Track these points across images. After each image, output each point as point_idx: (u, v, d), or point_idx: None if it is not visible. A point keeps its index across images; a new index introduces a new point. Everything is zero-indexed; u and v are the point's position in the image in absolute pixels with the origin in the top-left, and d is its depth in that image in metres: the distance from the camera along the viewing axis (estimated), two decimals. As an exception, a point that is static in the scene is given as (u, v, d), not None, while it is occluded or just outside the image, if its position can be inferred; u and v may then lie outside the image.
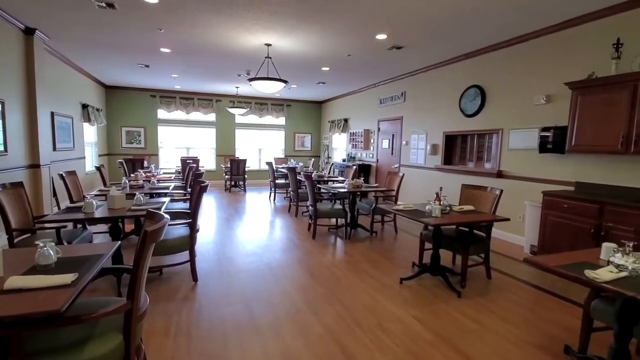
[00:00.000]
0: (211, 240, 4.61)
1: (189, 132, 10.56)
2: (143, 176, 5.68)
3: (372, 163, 8.64)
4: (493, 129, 5.09)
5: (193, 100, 10.18)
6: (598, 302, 2.04)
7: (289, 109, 11.44)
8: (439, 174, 6.21)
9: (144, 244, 1.44)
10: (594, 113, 3.47)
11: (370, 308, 2.79)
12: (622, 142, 3.23)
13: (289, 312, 2.68)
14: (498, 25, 4.22)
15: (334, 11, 3.93)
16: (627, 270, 1.72)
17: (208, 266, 3.64)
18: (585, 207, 3.36)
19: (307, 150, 12.00)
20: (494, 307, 2.85)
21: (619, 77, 3.26)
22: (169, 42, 5.28)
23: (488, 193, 3.53)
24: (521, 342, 2.35)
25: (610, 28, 3.61)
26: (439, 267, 3.31)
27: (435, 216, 3.08)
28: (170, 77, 8.01)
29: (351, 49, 5.40)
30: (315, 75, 7.47)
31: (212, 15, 4.11)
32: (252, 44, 5.25)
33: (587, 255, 2.01)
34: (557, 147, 3.90)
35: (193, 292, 2.99)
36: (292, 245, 4.47)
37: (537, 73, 4.41)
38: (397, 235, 5.10)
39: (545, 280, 3.41)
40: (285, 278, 3.37)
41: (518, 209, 4.62)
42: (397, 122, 7.52)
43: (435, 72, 6.30)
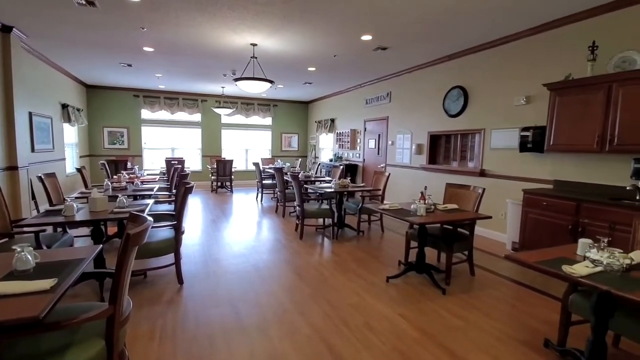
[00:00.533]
0: (197, 242, 4.56)
1: (174, 133, 10.40)
2: (126, 178, 5.56)
3: (359, 163, 8.69)
4: (476, 129, 5.20)
5: (178, 100, 10.02)
6: (575, 296, 2.11)
7: (275, 109, 11.40)
8: (424, 173, 6.30)
9: (126, 247, 1.42)
10: (571, 113, 3.59)
11: (357, 307, 2.81)
12: (597, 141, 3.36)
13: (276, 312, 2.68)
14: (480, 27, 4.31)
15: (319, 12, 3.94)
16: (602, 265, 1.79)
17: (194, 268, 3.60)
18: (563, 205, 3.47)
19: (294, 150, 11.99)
20: (478, 304, 2.92)
21: (594, 79, 3.39)
22: (152, 41, 5.19)
23: (471, 192, 3.61)
24: (504, 336, 2.42)
25: (586, 31, 3.74)
26: (425, 265, 3.36)
27: (420, 215, 3.13)
28: (154, 76, 7.87)
29: (337, 49, 5.42)
30: (301, 75, 7.47)
31: (196, 14, 4.06)
32: (237, 44, 5.22)
33: (564, 251, 2.08)
34: (537, 146, 4.02)
35: (178, 294, 2.95)
36: (279, 246, 4.46)
37: (517, 74, 4.53)
38: (384, 234, 5.15)
39: (526, 276, 3.51)
40: (272, 279, 3.36)
41: (500, 206, 4.74)
42: (383, 122, 7.60)
43: (420, 73, 6.39)
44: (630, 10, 3.37)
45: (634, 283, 1.61)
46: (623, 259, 1.79)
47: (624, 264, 1.76)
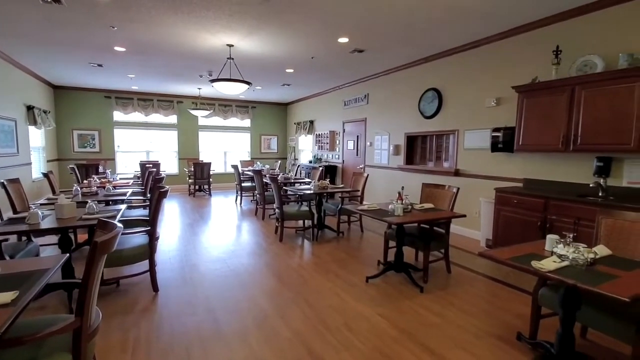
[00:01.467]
0: (174, 248, 4.44)
1: (149, 135, 10.09)
2: (97, 182, 5.34)
3: (338, 164, 8.74)
4: (450, 130, 5.34)
5: (152, 102, 9.74)
6: (545, 291, 2.20)
7: (254, 111, 11.29)
8: (401, 174, 6.41)
9: (94, 256, 1.36)
10: (538, 114, 3.75)
11: (337, 308, 2.81)
12: (562, 141, 3.53)
13: (256, 317, 2.64)
14: (452, 32, 4.43)
15: (295, 13, 3.93)
16: (568, 260, 1.86)
17: (170, 275, 3.50)
18: (532, 202, 3.62)
19: (274, 152, 11.91)
20: (455, 300, 2.99)
21: (558, 82, 3.55)
22: (124, 41, 5.02)
23: (446, 191, 3.70)
24: (480, 332, 2.48)
25: (551, 35, 3.93)
26: (403, 264, 3.41)
27: (398, 215, 3.17)
28: (127, 77, 7.61)
29: (314, 51, 5.43)
30: (279, 76, 7.43)
31: (170, 13, 3.96)
32: (213, 44, 5.13)
33: (534, 247, 2.16)
34: (507, 146, 4.18)
35: (153, 303, 2.86)
36: (259, 249, 4.41)
37: (488, 77, 4.69)
38: (363, 235, 5.19)
39: (500, 272, 3.63)
40: (252, 283, 3.32)
41: (474, 205, 4.89)
42: (361, 124, 7.68)
43: (396, 75, 6.50)
44: (591, 16, 3.56)
45: (598, 276, 1.69)
46: (587, 254, 1.87)
47: (589, 258, 1.85)
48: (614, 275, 1.71)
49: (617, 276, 1.70)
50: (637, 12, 3.22)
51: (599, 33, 3.50)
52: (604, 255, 2.01)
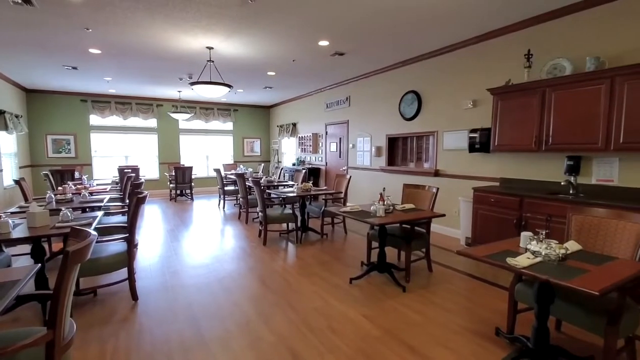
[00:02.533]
0: (154, 255, 4.34)
1: (128, 139, 9.84)
2: (72, 189, 5.17)
3: (321, 166, 8.76)
4: (429, 131, 5.46)
5: (131, 105, 9.51)
6: (520, 286, 2.27)
7: (236, 114, 11.19)
8: (383, 175, 6.49)
9: (66, 265, 1.32)
10: (512, 116, 3.89)
11: (321, 310, 2.82)
12: (535, 141, 3.67)
13: (239, 323, 2.62)
14: (430, 35, 4.54)
15: (275, 17, 3.94)
16: (541, 256, 1.93)
17: (150, 283, 3.42)
18: (508, 201, 3.74)
19: (257, 155, 11.83)
20: (436, 298, 3.05)
21: (530, 84, 3.69)
22: (99, 43, 4.89)
23: (426, 191, 3.78)
24: (460, 328, 2.54)
25: (522, 39, 4.08)
26: (385, 264, 3.45)
27: (380, 216, 3.22)
28: (103, 80, 7.41)
29: (295, 54, 5.44)
30: (261, 79, 7.40)
31: (146, 15, 3.89)
32: (192, 47, 5.06)
33: (509, 244, 2.22)
34: (484, 147, 4.30)
35: (132, 312, 2.79)
36: (242, 254, 4.37)
37: (464, 80, 4.82)
38: (347, 236, 5.22)
39: (479, 269, 3.73)
40: (235, 288, 3.28)
41: (453, 204, 5.00)
42: (344, 126, 7.73)
43: (377, 78, 6.59)
44: (559, 21, 3.72)
45: (569, 271, 1.76)
46: (559, 249, 1.94)
47: (560, 254, 1.92)
48: (584, 270, 1.78)
49: (587, 270, 1.77)
50: (602, 17, 3.38)
51: (567, 37, 3.66)
52: (574, 250, 2.09)
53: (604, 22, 3.37)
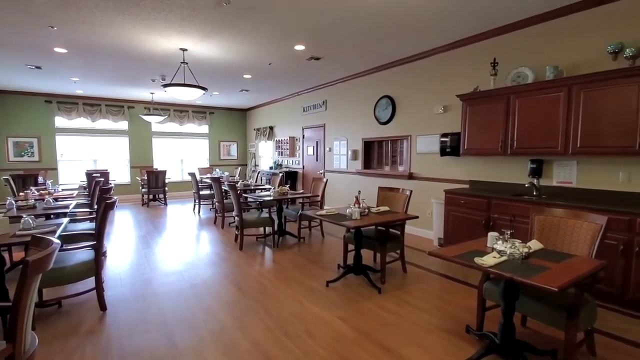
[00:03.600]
0: (125, 262, 4.18)
1: (97, 142, 9.45)
2: (35, 194, 4.90)
3: (299, 170, 8.77)
4: (403, 135, 5.59)
5: (100, 107, 9.15)
6: (488, 284, 2.37)
7: (212, 117, 11.00)
8: (360, 178, 6.58)
9: (26, 276, 1.26)
10: (480, 121, 4.06)
11: (298, 315, 2.82)
12: (501, 145, 3.85)
13: (213, 331, 2.57)
14: (403, 43, 4.67)
15: (250, 20, 3.93)
16: (507, 255, 2.02)
17: (120, 292, 3.29)
18: (477, 202, 3.89)
19: (234, 158, 11.67)
20: (410, 298, 3.12)
21: (496, 91, 3.88)
22: (65, 42, 4.69)
23: (400, 194, 3.87)
24: (432, 327, 2.61)
25: (488, 48, 4.27)
26: (362, 266, 3.50)
27: (355, 219, 3.26)
28: (70, 80, 7.09)
29: (271, 57, 5.44)
30: (237, 82, 7.33)
31: (116, 14, 3.77)
32: (165, 48, 4.95)
33: (478, 244, 2.31)
34: (454, 150, 4.47)
35: (100, 323, 2.68)
36: (217, 259, 4.29)
37: (436, 85, 4.99)
38: (324, 239, 5.25)
39: (450, 269, 3.85)
40: (209, 295, 3.22)
41: (426, 206, 5.15)
42: (320, 130, 7.78)
43: (353, 83, 6.69)
44: (522, 32, 3.94)
45: (531, 269, 1.85)
46: (522, 248, 2.04)
47: (523, 253, 2.02)
48: (545, 267, 1.88)
49: (548, 268, 1.87)
50: (560, 29, 3.61)
51: (528, 47, 3.88)
52: (537, 249, 2.20)
53: (562, 34, 3.59)
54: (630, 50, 2.97)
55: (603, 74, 3.06)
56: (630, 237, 2.76)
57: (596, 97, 3.12)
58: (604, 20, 3.29)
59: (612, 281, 2.86)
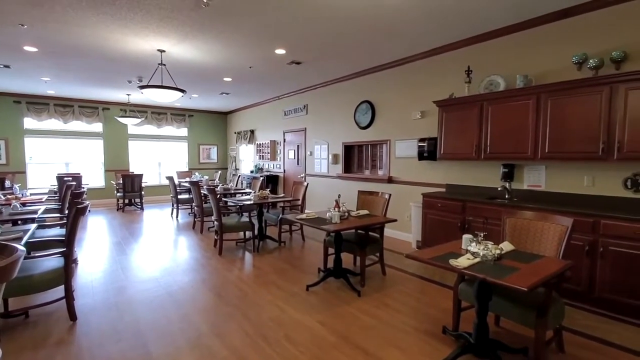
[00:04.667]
0: (97, 270, 4.03)
1: (69, 145, 9.08)
2: (1, 199, 4.66)
3: (280, 173, 8.74)
4: (383, 140, 5.69)
5: (73, 108, 8.82)
6: (463, 285, 2.43)
7: (191, 119, 10.81)
8: (340, 182, 6.63)
9: (-13, 286, 1.19)
10: (455, 126, 4.19)
11: (277, 320, 2.80)
12: (475, 150, 3.98)
13: (190, 338, 2.51)
14: (381, 50, 4.77)
15: (230, 23, 3.91)
16: (480, 257, 2.08)
17: (91, 301, 3.17)
18: (453, 205, 4.00)
19: (214, 162, 11.49)
20: (389, 301, 3.16)
21: (470, 98, 4.02)
22: (35, 40, 4.51)
23: (379, 197, 3.92)
24: (410, 329, 2.66)
25: (463, 57, 4.43)
26: (342, 270, 3.52)
27: (335, 222, 3.28)
28: (41, 80, 6.81)
29: (252, 61, 5.42)
30: (217, 85, 7.25)
31: (90, 13, 3.66)
32: (142, 49, 4.84)
33: (453, 247, 2.37)
34: (431, 155, 4.58)
35: (70, 333, 2.57)
36: (196, 265, 4.20)
37: (413, 92, 5.12)
38: (305, 243, 5.24)
39: (427, 271, 3.93)
40: (187, 302, 3.15)
41: (405, 209, 5.24)
42: (301, 133, 7.80)
43: (333, 87, 6.75)
44: (494, 41, 4.10)
45: (503, 270, 1.91)
46: (495, 250, 2.11)
47: (496, 254, 2.09)
48: (516, 268, 1.95)
49: (519, 269, 1.94)
50: (528, 40, 3.79)
51: (500, 56, 4.04)
52: (508, 250, 2.28)
53: (531, 45, 3.77)
54: (594, 60, 3.15)
55: (568, 83, 3.23)
56: (594, 238, 2.91)
57: (562, 105, 3.29)
58: (569, 32, 3.48)
59: (578, 280, 3.00)
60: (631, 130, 2.89)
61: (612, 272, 2.82)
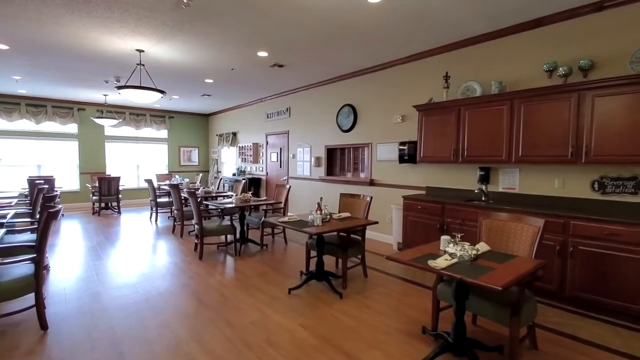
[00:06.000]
0: (71, 276, 3.88)
1: (41, 146, 8.72)
2: (-34, 204, 4.42)
3: (262, 176, 8.68)
4: (365, 143, 5.76)
5: (45, 108, 8.48)
6: (442, 286, 2.48)
7: (172, 121, 10.60)
8: (323, 184, 6.65)
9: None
10: (434, 130, 4.29)
11: (259, 324, 2.77)
12: (453, 153, 4.09)
13: (169, 345, 2.46)
14: (363, 54, 4.83)
15: (211, 24, 3.87)
16: (457, 257, 2.14)
17: (64, 309, 3.04)
18: (432, 207, 4.09)
19: (195, 165, 11.29)
20: (370, 302, 3.19)
21: (448, 103, 4.13)
22: (6, 37, 4.32)
23: (361, 200, 3.96)
24: (391, 330, 2.69)
25: (442, 63, 4.55)
26: (324, 272, 3.52)
27: (317, 225, 3.29)
28: (11, 79, 6.52)
29: (234, 63, 5.38)
30: (198, 86, 7.14)
31: (64, 10, 3.54)
32: (120, 48, 4.72)
33: (432, 248, 2.43)
34: (412, 158, 4.68)
35: (41, 343, 2.46)
36: (175, 270, 4.11)
37: (394, 96, 5.21)
38: (287, 246, 5.22)
39: (408, 272, 3.99)
40: (166, 308, 3.07)
41: (386, 212, 5.31)
42: (284, 136, 7.78)
43: (316, 90, 6.78)
44: (471, 48, 4.24)
45: (479, 270, 1.97)
46: (471, 251, 2.17)
47: (472, 255, 2.15)
48: (491, 268, 2.01)
49: (494, 268, 2.01)
50: (502, 48, 3.94)
51: (477, 63, 4.18)
52: (484, 251, 2.35)
53: (505, 52, 3.92)
54: (563, 69, 3.31)
55: (540, 90, 3.37)
56: (565, 238, 3.04)
57: (534, 110, 3.42)
58: (540, 41, 3.64)
59: (550, 279, 3.12)
60: (597, 135, 3.05)
61: (582, 271, 2.95)
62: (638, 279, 2.68)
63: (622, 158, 2.94)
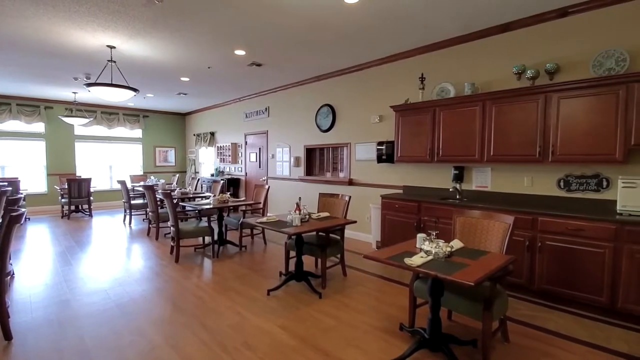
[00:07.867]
0: (37, 283, 3.69)
1: (5, 147, 8.25)
2: None
3: (241, 177, 8.57)
4: (343, 143, 5.79)
5: (10, 107, 8.03)
6: (418, 283, 2.53)
7: (146, 120, 10.28)
8: (302, 184, 6.64)
9: None
10: (410, 131, 4.38)
11: (237, 327, 2.73)
12: (428, 153, 4.19)
13: (142, 352, 2.38)
14: (340, 54, 4.86)
15: (186, 20, 3.78)
16: (432, 254, 2.18)
17: (29, 318, 2.89)
18: (409, 206, 4.17)
19: (171, 165, 11.01)
20: (349, 301, 3.21)
21: (423, 103, 4.22)
22: (-40, 32, 4.06)
23: (340, 200, 3.98)
24: (369, 328, 2.72)
25: (417, 64, 4.64)
26: (303, 272, 3.52)
27: (296, 225, 3.28)
28: (-32, 75, 6.14)
29: (211, 61, 5.28)
30: (174, 85, 6.96)
31: (29, 3, 3.36)
32: (90, 44, 4.53)
33: (409, 246, 2.47)
34: (389, 157, 4.75)
35: (5, 354, 2.32)
36: (150, 274, 3.99)
37: (372, 96, 5.27)
38: (267, 247, 5.18)
39: (386, 270, 4.05)
40: (139, 314, 2.97)
41: (365, 211, 5.37)
42: (263, 136, 7.72)
43: (294, 90, 6.76)
44: (445, 50, 4.35)
45: (453, 266, 2.02)
46: (445, 248, 2.22)
47: (446, 252, 2.20)
48: (464, 264, 2.07)
49: (467, 265, 2.06)
50: (476, 50, 4.06)
51: (450, 65, 4.29)
52: (458, 248, 2.41)
53: (476, 55, 4.05)
54: (531, 72, 3.45)
55: (509, 92, 3.51)
56: (533, 234, 3.17)
57: (505, 111, 3.55)
58: (509, 45, 3.78)
59: (520, 273, 3.25)
60: (563, 135, 3.20)
61: (549, 265, 3.09)
62: (600, 272, 2.83)
63: (585, 157, 3.09)
